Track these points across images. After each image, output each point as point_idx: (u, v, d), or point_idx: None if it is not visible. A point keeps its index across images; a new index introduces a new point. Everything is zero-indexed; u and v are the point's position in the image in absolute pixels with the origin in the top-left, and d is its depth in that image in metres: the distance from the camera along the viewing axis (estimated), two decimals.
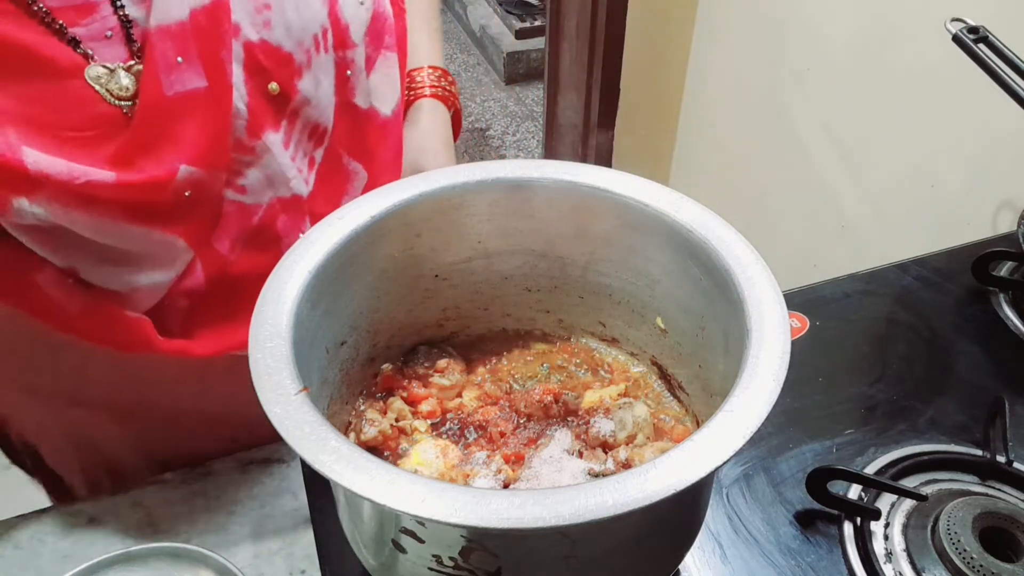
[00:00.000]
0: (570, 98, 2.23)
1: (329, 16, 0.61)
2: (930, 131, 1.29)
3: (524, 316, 0.74)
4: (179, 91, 0.55)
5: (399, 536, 0.49)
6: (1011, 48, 0.86)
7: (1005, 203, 1.16)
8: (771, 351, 0.49)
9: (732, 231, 0.58)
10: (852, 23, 1.40)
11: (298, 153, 0.63)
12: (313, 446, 0.44)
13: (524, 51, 3.43)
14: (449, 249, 0.67)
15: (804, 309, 0.92)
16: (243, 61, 0.58)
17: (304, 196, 0.64)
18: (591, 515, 0.40)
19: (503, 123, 3.22)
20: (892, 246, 1.39)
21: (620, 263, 0.67)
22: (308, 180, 0.64)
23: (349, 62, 0.64)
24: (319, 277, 0.56)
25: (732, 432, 0.44)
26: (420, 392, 0.67)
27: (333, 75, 0.64)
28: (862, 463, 0.75)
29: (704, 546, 0.68)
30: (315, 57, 0.61)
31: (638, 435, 0.63)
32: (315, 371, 0.56)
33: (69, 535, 0.69)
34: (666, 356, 0.68)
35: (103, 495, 0.72)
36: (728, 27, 1.78)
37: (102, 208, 0.54)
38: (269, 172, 0.62)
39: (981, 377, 0.85)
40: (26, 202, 0.51)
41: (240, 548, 0.68)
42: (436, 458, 0.61)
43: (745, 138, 1.79)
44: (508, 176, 0.64)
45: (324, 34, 0.61)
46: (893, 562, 0.66)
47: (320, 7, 0.61)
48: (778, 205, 1.72)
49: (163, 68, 0.54)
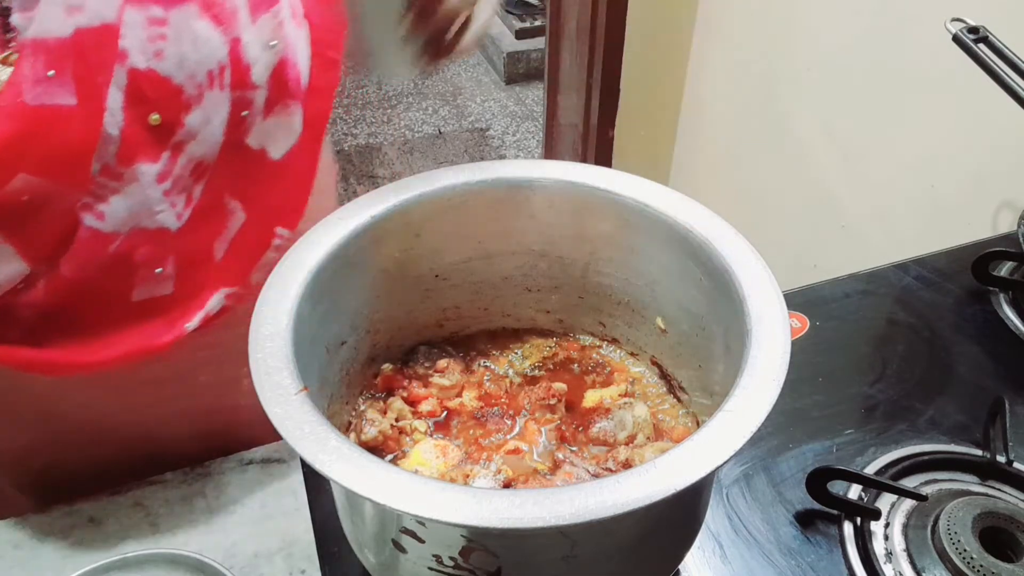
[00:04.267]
0: (570, 98, 2.23)
1: (230, 54, 0.59)
2: (930, 131, 1.29)
3: (524, 316, 0.74)
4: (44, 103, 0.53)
5: (399, 536, 0.49)
6: (1011, 48, 0.86)
7: (1005, 203, 1.16)
8: (771, 351, 0.49)
9: (732, 231, 0.58)
10: (852, 23, 1.40)
11: (175, 187, 0.61)
12: (313, 446, 0.44)
13: (524, 51, 3.43)
14: (449, 249, 0.67)
15: (804, 309, 0.92)
16: (125, 87, 0.55)
17: (172, 230, 0.62)
18: (591, 515, 0.40)
19: (503, 123, 3.22)
20: (892, 246, 1.39)
21: (620, 263, 0.67)
22: (181, 215, 0.62)
23: (247, 102, 0.62)
24: (319, 277, 0.56)
25: (732, 432, 0.44)
26: (420, 392, 0.67)
27: (226, 113, 0.61)
28: (862, 463, 0.75)
29: (704, 546, 0.68)
30: (208, 93, 0.59)
31: (638, 435, 0.63)
32: (315, 371, 0.56)
33: (69, 535, 0.69)
34: (666, 356, 0.68)
35: (103, 495, 0.72)
36: (728, 28, 1.78)
37: None
38: (135, 202, 0.59)
39: (981, 377, 0.85)
40: None
41: (240, 548, 0.68)
42: (436, 458, 0.61)
43: (745, 138, 1.79)
44: (508, 176, 0.64)
45: (221, 71, 0.59)
46: (893, 562, 0.66)
47: (220, 44, 0.59)
48: (778, 205, 1.72)
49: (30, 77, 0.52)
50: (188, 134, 0.59)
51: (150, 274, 0.62)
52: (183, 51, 0.57)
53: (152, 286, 0.63)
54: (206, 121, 0.60)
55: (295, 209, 0.69)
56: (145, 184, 0.59)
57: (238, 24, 0.59)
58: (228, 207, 0.65)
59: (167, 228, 0.61)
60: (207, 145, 0.61)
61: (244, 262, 0.67)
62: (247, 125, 0.63)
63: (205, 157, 0.61)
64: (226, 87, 0.60)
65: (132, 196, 0.59)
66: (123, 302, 0.63)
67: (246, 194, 0.65)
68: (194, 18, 0.57)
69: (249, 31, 0.60)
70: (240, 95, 0.61)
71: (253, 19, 0.60)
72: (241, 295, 0.68)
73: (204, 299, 0.66)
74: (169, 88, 0.57)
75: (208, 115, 0.60)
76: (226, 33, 0.59)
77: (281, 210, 0.69)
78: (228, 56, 0.59)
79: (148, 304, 0.64)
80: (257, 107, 0.63)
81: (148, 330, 0.64)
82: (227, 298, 0.67)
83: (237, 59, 0.60)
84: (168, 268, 0.63)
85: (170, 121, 0.58)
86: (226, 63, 0.59)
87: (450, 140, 3.13)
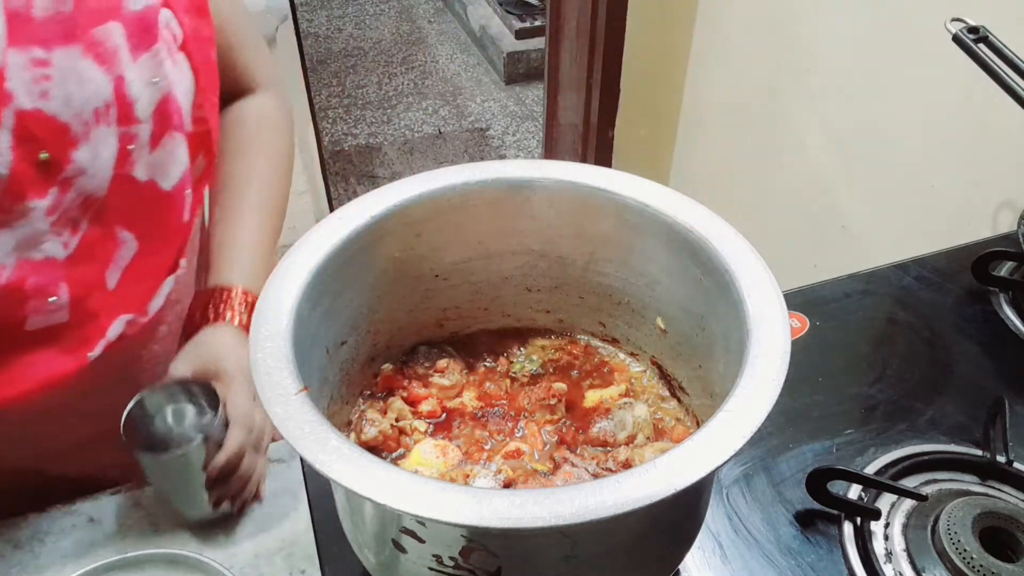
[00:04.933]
0: (570, 98, 2.23)
1: (114, 92, 0.61)
2: (930, 131, 1.29)
3: (524, 316, 0.74)
4: None
5: (399, 536, 0.49)
6: (1011, 48, 0.86)
7: (1005, 203, 1.16)
8: (771, 351, 0.49)
9: (732, 231, 0.58)
10: (852, 23, 1.40)
11: (64, 220, 0.62)
12: (313, 446, 0.44)
13: (524, 51, 3.43)
14: (449, 249, 0.67)
15: (804, 309, 0.92)
16: (12, 128, 0.57)
17: (60, 259, 0.63)
18: (591, 515, 0.40)
19: (503, 123, 3.22)
20: (892, 246, 1.39)
21: (620, 263, 0.67)
22: (68, 244, 0.63)
23: (132, 136, 0.64)
24: (319, 277, 0.56)
25: (732, 432, 0.44)
26: (420, 392, 0.67)
27: (114, 148, 0.63)
28: (862, 463, 0.75)
29: (704, 546, 0.68)
30: (94, 129, 0.61)
31: (638, 435, 0.63)
32: (315, 371, 0.56)
33: (69, 535, 0.69)
34: (666, 356, 0.68)
35: (103, 495, 0.72)
36: (728, 27, 1.78)
37: None
38: (22, 236, 0.61)
39: (981, 377, 0.85)
40: None
41: (240, 548, 0.68)
42: (436, 458, 0.61)
43: (745, 138, 1.79)
44: (508, 176, 0.64)
45: (107, 109, 0.61)
46: (893, 562, 0.66)
47: (105, 83, 0.61)
48: (778, 205, 1.72)
49: None
50: (77, 170, 0.61)
51: (43, 303, 0.63)
52: (68, 91, 0.59)
53: (46, 315, 0.64)
54: (94, 157, 0.62)
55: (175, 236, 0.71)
56: (34, 219, 0.60)
57: (120, 63, 0.61)
58: (119, 237, 0.66)
59: (54, 258, 0.63)
60: (96, 180, 0.62)
61: (140, 290, 0.69)
62: (134, 158, 0.64)
63: (95, 191, 0.63)
64: (112, 123, 0.62)
65: (20, 230, 0.60)
66: (17, 332, 0.64)
67: (137, 225, 0.67)
68: (77, 58, 0.59)
69: (131, 69, 0.62)
70: (126, 130, 0.63)
71: (134, 58, 0.62)
72: (140, 323, 0.70)
73: (103, 327, 0.67)
74: (56, 126, 0.59)
75: (96, 151, 0.62)
76: (109, 72, 0.61)
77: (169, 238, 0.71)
78: (113, 94, 0.61)
79: (45, 333, 0.65)
80: (143, 141, 0.65)
81: (49, 360, 0.65)
82: (127, 325, 0.69)
83: (122, 96, 0.62)
84: (62, 296, 0.64)
85: (58, 158, 0.60)
86: (111, 100, 0.61)
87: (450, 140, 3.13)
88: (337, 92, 3.41)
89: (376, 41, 3.82)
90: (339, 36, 3.86)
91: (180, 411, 0.67)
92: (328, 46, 3.76)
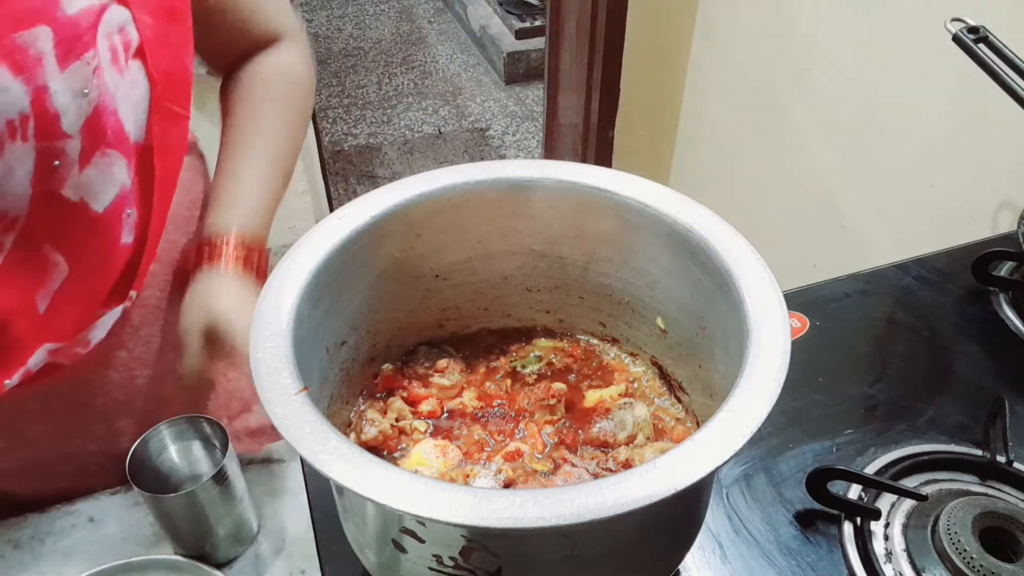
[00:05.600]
0: (570, 98, 2.23)
1: (33, 103, 0.55)
2: (930, 131, 1.29)
3: (524, 316, 0.74)
4: None
5: (400, 536, 0.49)
6: (1011, 48, 0.86)
7: (1005, 203, 1.16)
8: (771, 351, 0.49)
9: (732, 231, 0.58)
10: (852, 23, 1.40)
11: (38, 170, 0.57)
12: (314, 446, 0.44)
13: (524, 51, 3.43)
14: (449, 249, 0.67)
15: (804, 309, 0.92)
16: None
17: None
18: (591, 515, 0.40)
19: (503, 123, 3.22)
20: (892, 246, 1.39)
21: (620, 263, 0.67)
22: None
23: (58, 152, 0.58)
24: (319, 277, 0.56)
25: (732, 432, 0.44)
26: (420, 392, 0.67)
27: (31, 164, 0.57)
28: (862, 463, 0.75)
29: (704, 546, 0.68)
30: (8, 144, 0.55)
31: (638, 435, 0.63)
32: (315, 371, 0.56)
33: (69, 535, 0.69)
34: (666, 356, 0.68)
35: (103, 495, 0.72)
36: (728, 27, 1.78)
37: None
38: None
39: (981, 377, 0.85)
40: None
41: (240, 548, 0.68)
42: (436, 458, 0.61)
43: (745, 138, 1.79)
44: (508, 176, 0.64)
45: (24, 121, 0.55)
46: (893, 562, 0.66)
47: (21, 93, 0.54)
48: (778, 205, 1.72)
49: None
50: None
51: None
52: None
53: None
54: (8, 172, 0.56)
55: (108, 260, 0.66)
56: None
57: (43, 72, 0.55)
58: (50, 259, 0.62)
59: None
60: (12, 197, 0.57)
61: (71, 317, 0.65)
62: (60, 176, 0.59)
63: (11, 209, 0.58)
64: (30, 137, 0.56)
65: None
66: None
67: (68, 247, 0.62)
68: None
69: (57, 79, 0.55)
70: (48, 145, 0.57)
71: (62, 67, 0.56)
72: (68, 352, 0.66)
73: (26, 355, 0.63)
74: None
75: (10, 166, 0.56)
76: (28, 82, 0.54)
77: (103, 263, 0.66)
78: (31, 105, 0.55)
79: None
80: (71, 157, 0.59)
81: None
82: (50, 354, 0.64)
83: (42, 108, 0.56)
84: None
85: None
86: (28, 112, 0.55)
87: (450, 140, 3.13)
88: (337, 92, 3.41)
89: (376, 41, 3.82)
90: (339, 36, 3.86)
91: (186, 449, 0.66)
92: (328, 46, 3.76)
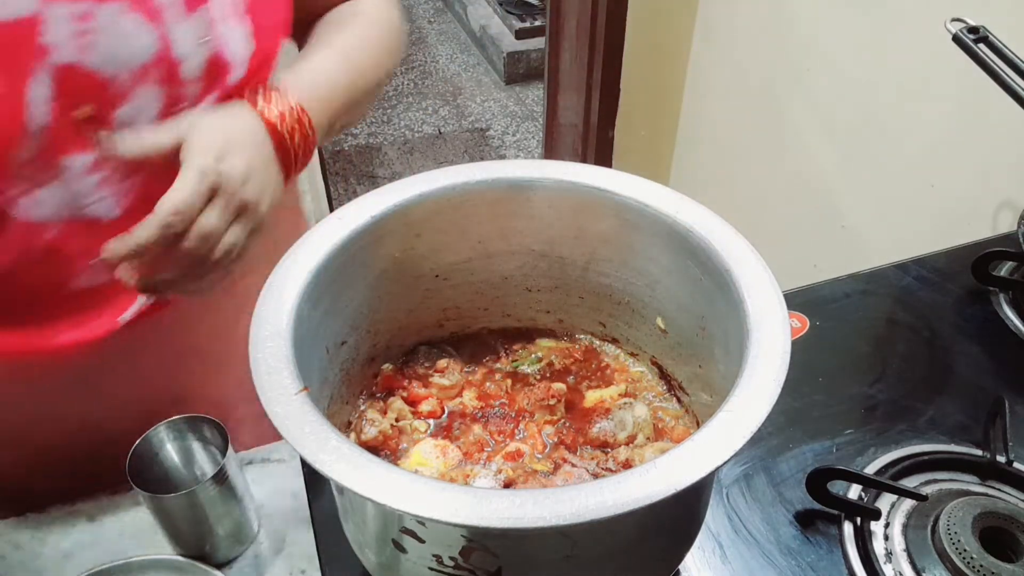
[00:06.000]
0: (570, 98, 2.23)
1: (160, 50, 0.59)
2: (930, 131, 1.29)
3: (524, 316, 0.74)
4: None
5: (400, 536, 0.49)
6: (1011, 48, 0.86)
7: (1005, 203, 1.16)
8: (771, 351, 0.49)
9: (732, 231, 0.58)
10: (852, 23, 1.40)
11: (110, 179, 0.61)
12: (314, 446, 0.44)
13: (524, 51, 3.42)
14: (449, 249, 0.67)
15: (804, 309, 0.92)
16: (51, 82, 0.55)
17: (108, 219, 0.62)
18: (591, 515, 0.40)
19: (503, 123, 3.22)
20: (892, 246, 1.39)
21: (620, 263, 0.67)
22: (116, 206, 0.62)
23: (180, 96, 0.62)
24: (319, 277, 0.56)
25: (732, 432, 0.44)
26: (420, 392, 0.67)
27: (157, 108, 0.61)
28: (862, 463, 0.75)
29: (704, 546, 0.68)
30: (139, 87, 0.59)
31: (638, 435, 0.63)
32: (315, 371, 0.56)
33: (69, 535, 0.69)
34: (666, 356, 0.68)
35: (103, 495, 0.72)
36: (728, 27, 1.78)
37: None
38: (65, 193, 0.60)
39: (981, 377, 0.85)
40: None
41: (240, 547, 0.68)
42: (436, 458, 0.61)
43: (745, 138, 1.79)
44: (508, 176, 0.64)
45: (151, 66, 0.59)
46: (893, 562, 0.66)
47: (151, 40, 0.59)
48: (778, 205, 1.72)
49: None
50: (120, 127, 0.59)
51: (86, 265, 0.62)
52: (112, 46, 0.57)
53: (89, 276, 0.63)
54: (137, 115, 0.60)
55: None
56: (74, 176, 0.59)
57: (169, 20, 0.59)
58: None
59: (102, 218, 0.62)
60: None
61: None
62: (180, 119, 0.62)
63: None
64: (157, 82, 0.60)
65: (62, 188, 0.59)
66: (60, 292, 0.63)
67: None
68: (122, 13, 0.57)
69: (180, 28, 0.60)
70: (172, 90, 0.61)
71: (184, 16, 0.60)
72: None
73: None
74: (96, 82, 0.57)
75: (139, 109, 0.60)
76: (157, 29, 0.59)
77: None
78: (159, 52, 0.59)
79: (84, 295, 0.64)
80: (190, 100, 0.63)
81: (84, 321, 0.65)
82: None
83: (168, 55, 0.60)
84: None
85: (100, 115, 0.58)
86: (156, 59, 0.59)
87: (450, 140, 3.13)
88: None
89: None
90: None
91: (186, 449, 0.66)
92: None
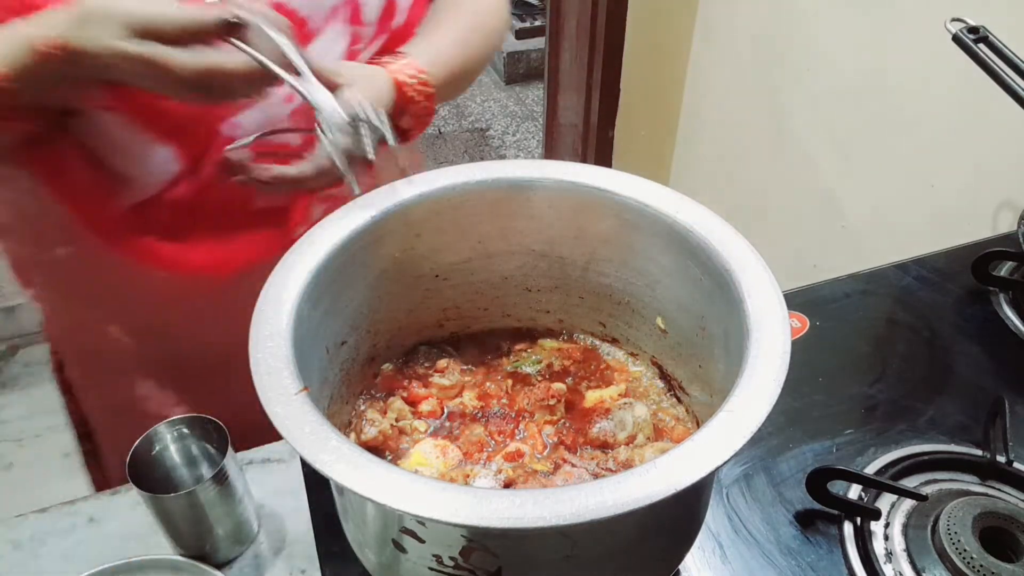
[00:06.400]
0: (570, 98, 2.23)
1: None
2: (930, 131, 1.29)
3: (524, 316, 0.74)
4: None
5: (400, 536, 0.49)
6: (1011, 48, 0.86)
7: (1005, 203, 1.16)
8: (771, 351, 0.49)
9: (732, 231, 0.58)
10: (852, 23, 1.40)
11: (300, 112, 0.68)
12: (314, 446, 0.44)
13: (524, 51, 3.43)
14: (449, 249, 0.67)
15: (804, 309, 0.92)
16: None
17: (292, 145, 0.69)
18: (591, 515, 0.40)
19: (503, 123, 3.22)
20: (892, 246, 1.39)
21: (620, 263, 0.67)
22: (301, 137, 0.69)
23: (361, 36, 0.70)
24: (319, 277, 0.56)
25: (732, 432, 0.44)
26: (420, 392, 0.67)
27: (345, 45, 0.69)
28: (862, 463, 0.75)
29: (704, 546, 0.68)
30: (330, 26, 0.67)
31: (638, 435, 0.63)
32: (315, 371, 0.56)
33: (69, 535, 0.69)
34: (666, 356, 0.68)
35: (103, 495, 0.72)
36: (728, 27, 1.78)
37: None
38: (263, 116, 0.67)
39: (981, 377, 0.85)
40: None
41: (240, 547, 0.68)
42: (436, 458, 0.61)
43: (745, 138, 1.79)
44: (508, 176, 0.64)
45: (342, 6, 0.68)
46: (893, 562, 0.66)
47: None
48: (778, 205, 1.72)
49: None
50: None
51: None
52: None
53: (270, 196, 0.70)
54: (326, 51, 0.68)
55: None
56: (274, 102, 0.67)
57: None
58: None
59: (288, 144, 0.69)
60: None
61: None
62: (357, 57, 0.71)
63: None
64: (345, 22, 0.69)
65: (262, 111, 0.67)
66: (245, 208, 0.71)
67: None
68: None
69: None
70: (356, 30, 0.70)
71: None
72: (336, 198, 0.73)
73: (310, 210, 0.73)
74: (296, 19, 0.64)
75: (328, 47, 0.68)
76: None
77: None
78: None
79: (264, 213, 0.72)
80: (365, 41, 0.71)
81: (263, 239, 0.72)
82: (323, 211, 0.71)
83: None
84: None
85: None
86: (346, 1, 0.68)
87: (450, 140, 3.13)
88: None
89: None
90: None
91: (186, 449, 0.66)
92: None
